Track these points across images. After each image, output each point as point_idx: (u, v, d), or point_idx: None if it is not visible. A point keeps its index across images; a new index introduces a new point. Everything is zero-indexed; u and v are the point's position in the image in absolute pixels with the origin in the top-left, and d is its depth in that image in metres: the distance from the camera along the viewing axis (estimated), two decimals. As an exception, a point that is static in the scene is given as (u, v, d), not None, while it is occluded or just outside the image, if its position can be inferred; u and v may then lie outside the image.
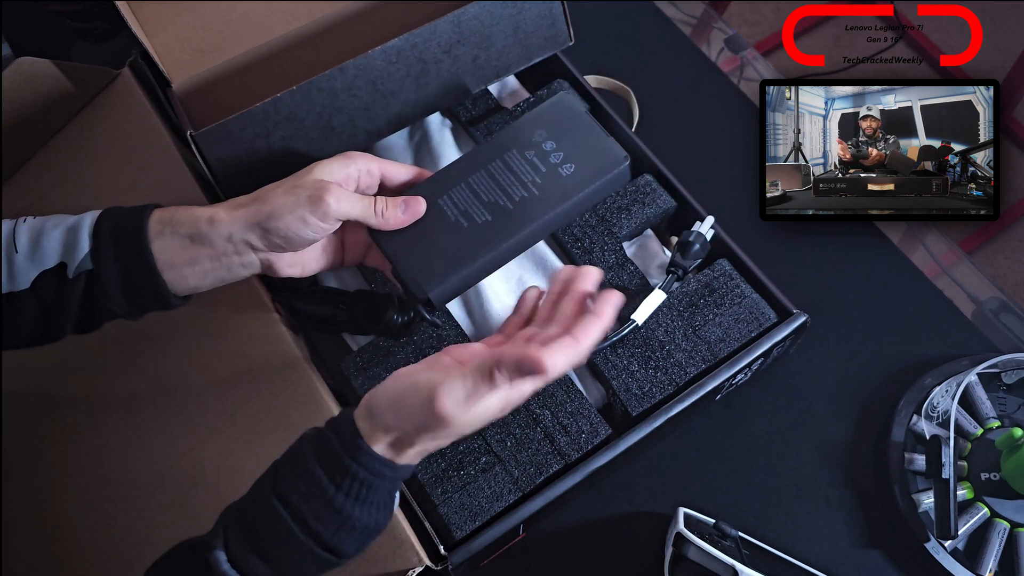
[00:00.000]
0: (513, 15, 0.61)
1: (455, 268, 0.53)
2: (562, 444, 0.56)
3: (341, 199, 0.51)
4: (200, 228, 0.51)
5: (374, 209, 0.53)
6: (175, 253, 0.51)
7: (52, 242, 0.50)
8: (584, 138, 0.56)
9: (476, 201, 0.55)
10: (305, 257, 0.54)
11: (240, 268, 0.53)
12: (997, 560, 0.58)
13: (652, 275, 0.63)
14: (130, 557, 0.54)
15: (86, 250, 0.50)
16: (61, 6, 0.79)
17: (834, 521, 0.61)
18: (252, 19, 0.65)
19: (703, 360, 0.58)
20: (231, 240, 0.51)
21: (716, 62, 0.82)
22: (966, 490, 0.60)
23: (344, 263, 0.57)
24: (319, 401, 0.55)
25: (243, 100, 0.56)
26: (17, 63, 0.62)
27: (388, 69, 0.59)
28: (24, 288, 0.50)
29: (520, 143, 0.56)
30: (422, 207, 0.55)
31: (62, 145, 0.67)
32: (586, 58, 0.75)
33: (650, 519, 0.61)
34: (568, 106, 0.58)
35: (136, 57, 0.67)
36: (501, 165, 0.56)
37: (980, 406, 0.63)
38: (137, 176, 0.64)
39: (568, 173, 0.55)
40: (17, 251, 0.50)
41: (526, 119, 0.58)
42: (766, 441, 0.64)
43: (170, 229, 0.51)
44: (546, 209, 0.54)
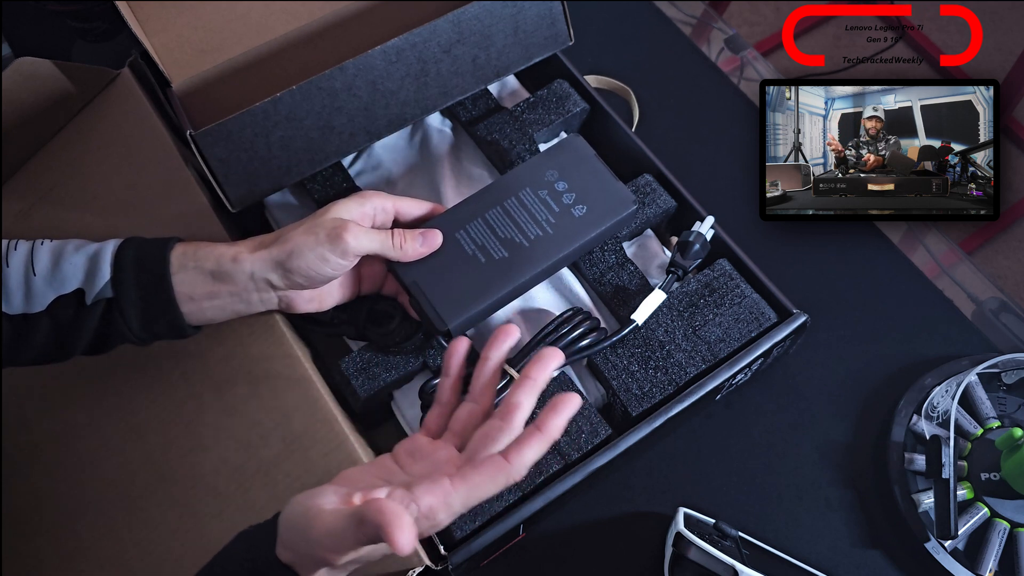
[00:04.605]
0: (513, 15, 0.61)
1: (475, 301, 0.56)
2: (562, 444, 0.56)
3: (359, 236, 0.52)
4: (223, 265, 0.52)
5: (392, 242, 0.55)
6: (196, 287, 0.52)
7: (72, 267, 0.51)
8: (594, 180, 0.60)
9: (493, 237, 0.57)
10: (323, 292, 0.56)
11: (259, 304, 0.55)
12: (997, 560, 0.58)
13: (652, 275, 0.63)
14: (130, 557, 0.54)
15: (107, 278, 0.51)
16: (61, 6, 0.79)
17: (834, 521, 0.61)
18: (252, 19, 0.65)
19: (703, 360, 0.58)
20: (253, 278, 0.53)
21: (716, 62, 0.82)
22: (966, 490, 0.60)
23: (361, 295, 0.59)
24: (319, 401, 0.55)
25: (243, 100, 0.56)
26: (17, 63, 0.61)
27: (388, 69, 0.59)
28: (40, 310, 0.51)
29: (533, 182, 0.59)
30: (439, 239, 0.57)
31: (62, 145, 0.67)
32: (586, 58, 0.75)
33: (650, 519, 0.61)
34: (578, 148, 0.61)
35: (136, 57, 0.67)
36: (516, 203, 0.58)
37: (980, 406, 0.63)
38: (137, 176, 0.64)
39: (580, 214, 0.58)
40: (35, 273, 0.51)
41: (538, 159, 0.61)
42: (766, 441, 0.64)
43: (193, 263, 0.52)
44: (560, 248, 0.57)
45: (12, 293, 0.51)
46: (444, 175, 0.66)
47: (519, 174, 0.60)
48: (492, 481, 0.41)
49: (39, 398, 0.60)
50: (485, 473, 0.41)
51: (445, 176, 0.66)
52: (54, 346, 0.52)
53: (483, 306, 0.56)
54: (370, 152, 0.68)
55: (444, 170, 0.67)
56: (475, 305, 0.56)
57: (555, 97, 0.68)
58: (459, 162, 0.68)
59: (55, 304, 0.51)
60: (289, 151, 0.58)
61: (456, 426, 0.48)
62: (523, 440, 0.42)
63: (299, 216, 0.61)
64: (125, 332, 0.52)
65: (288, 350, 0.56)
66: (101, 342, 0.53)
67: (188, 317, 0.53)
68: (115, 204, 0.63)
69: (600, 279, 0.62)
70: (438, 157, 0.67)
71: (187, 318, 0.53)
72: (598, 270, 0.62)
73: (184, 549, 0.54)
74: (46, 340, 0.52)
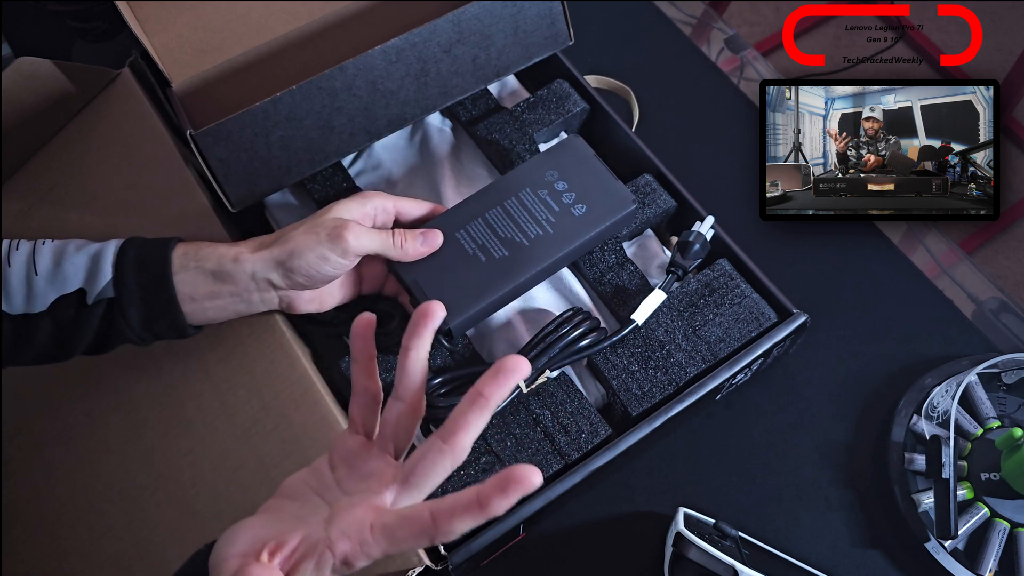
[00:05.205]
0: (513, 15, 0.61)
1: (476, 300, 0.56)
2: (562, 444, 0.56)
3: (360, 235, 0.52)
4: (225, 266, 0.52)
5: (392, 242, 0.55)
6: (197, 287, 0.52)
7: (73, 267, 0.51)
8: (594, 180, 0.60)
9: (493, 236, 0.57)
10: (323, 293, 0.57)
11: (260, 304, 0.55)
12: (997, 560, 0.58)
13: (652, 275, 0.63)
14: (130, 557, 0.54)
15: (108, 278, 0.51)
16: (61, 6, 0.79)
17: (834, 521, 0.61)
18: (252, 19, 0.66)
19: (703, 360, 0.58)
20: (254, 278, 0.53)
21: (716, 62, 0.82)
22: (966, 490, 0.60)
23: (362, 294, 0.59)
24: (319, 401, 0.55)
25: (243, 100, 0.56)
26: (17, 63, 0.62)
27: (388, 69, 0.59)
28: (41, 310, 0.51)
29: (533, 182, 0.60)
30: (439, 239, 0.57)
31: (62, 145, 0.67)
32: (586, 58, 0.75)
33: (650, 519, 0.61)
34: (578, 148, 0.61)
35: (136, 57, 0.67)
36: (516, 203, 0.59)
37: (980, 406, 0.63)
38: (137, 176, 0.64)
39: (580, 214, 0.59)
40: (37, 273, 0.51)
41: (538, 159, 0.61)
42: (766, 441, 0.64)
43: (194, 264, 0.52)
44: (560, 247, 0.57)
45: (14, 293, 0.51)
46: (444, 175, 0.66)
47: (519, 174, 0.60)
48: (415, 540, 0.37)
49: (39, 398, 0.60)
50: (408, 531, 0.37)
51: (445, 176, 0.66)
52: (55, 346, 0.52)
53: (483, 305, 0.56)
54: (370, 152, 0.68)
55: (444, 170, 0.67)
56: (475, 304, 0.56)
57: (555, 97, 0.68)
58: (459, 162, 0.68)
59: (56, 304, 0.51)
60: (289, 151, 0.58)
61: (386, 430, 0.43)
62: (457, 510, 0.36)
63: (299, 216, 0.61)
64: (126, 332, 0.52)
65: (288, 350, 0.56)
66: (102, 342, 0.53)
67: (189, 317, 0.53)
68: (115, 204, 0.63)
69: (600, 279, 0.62)
70: (438, 157, 0.67)
71: (188, 318, 0.53)
72: (598, 270, 0.62)
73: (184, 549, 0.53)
74: (47, 340, 0.52)
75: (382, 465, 0.41)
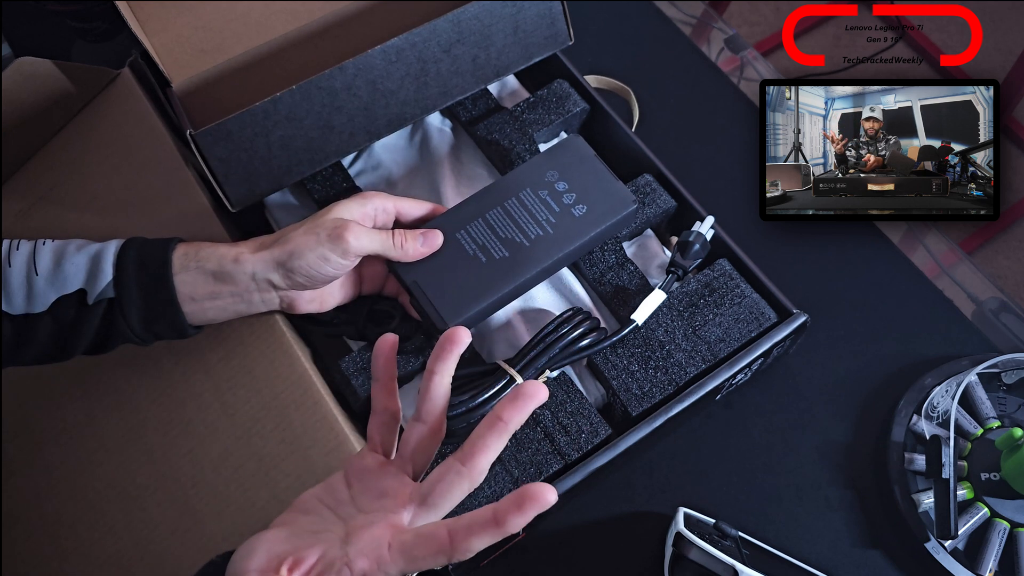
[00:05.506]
0: (513, 15, 0.61)
1: (476, 301, 0.56)
2: (562, 444, 0.56)
3: (360, 236, 0.52)
4: (225, 266, 0.52)
5: (393, 242, 0.55)
6: (197, 287, 0.52)
7: (74, 267, 0.51)
8: (594, 180, 0.60)
9: (493, 237, 0.58)
10: (324, 293, 0.57)
11: (260, 304, 0.55)
12: (997, 560, 0.58)
13: (652, 275, 0.63)
14: (130, 557, 0.54)
15: (108, 278, 0.51)
16: (61, 6, 0.79)
17: (834, 521, 0.61)
18: (252, 19, 0.66)
19: (703, 360, 0.58)
20: (254, 278, 0.53)
21: (716, 62, 0.82)
22: (966, 490, 0.60)
23: (362, 295, 0.59)
24: (319, 401, 0.55)
25: (243, 100, 0.56)
26: (17, 63, 0.62)
27: (388, 69, 0.59)
28: (42, 311, 0.51)
29: (533, 182, 0.60)
30: (439, 239, 0.57)
31: (62, 145, 0.67)
32: (586, 58, 0.75)
33: (650, 519, 0.61)
34: (578, 148, 0.61)
35: (136, 57, 0.67)
36: (516, 203, 0.59)
37: (980, 406, 0.63)
38: (137, 176, 0.64)
39: (580, 214, 0.59)
40: (38, 274, 0.51)
41: (538, 159, 0.61)
42: (766, 441, 0.64)
43: (194, 264, 0.52)
44: (561, 248, 0.58)
45: (14, 293, 0.51)
46: (444, 175, 0.66)
47: (519, 174, 0.60)
48: (432, 559, 0.37)
49: (39, 398, 0.60)
50: (426, 549, 0.37)
51: (445, 176, 0.66)
52: (55, 346, 0.52)
53: (484, 305, 0.56)
54: (370, 152, 0.68)
55: (444, 170, 0.67)
56: (476, 304, 0.56)
57: (555, 97, 0.68)
58: (459, 162, 0.68)
59: (57, 304, 0.51)
60: (289, 151, 0.58)
61: (406, 451, 0.43)
62: (474, 528, 0.37)
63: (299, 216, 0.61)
64: (126, 332, 0.52)
65: (288, 350, 0.56)
66: (102, 342, 0.53)
67: (189, 317, 0.53)
68: (115, 204, 0.63)
69: (600, 279, 0.62)
70: (438, 157, 0.67)
71: (188, 318, 0.53)
72: (598, 270, 0.62)
73: (184, 549, 0.54)
74: (47, 340, 0.52)
75: (399, 485, 0.42)
